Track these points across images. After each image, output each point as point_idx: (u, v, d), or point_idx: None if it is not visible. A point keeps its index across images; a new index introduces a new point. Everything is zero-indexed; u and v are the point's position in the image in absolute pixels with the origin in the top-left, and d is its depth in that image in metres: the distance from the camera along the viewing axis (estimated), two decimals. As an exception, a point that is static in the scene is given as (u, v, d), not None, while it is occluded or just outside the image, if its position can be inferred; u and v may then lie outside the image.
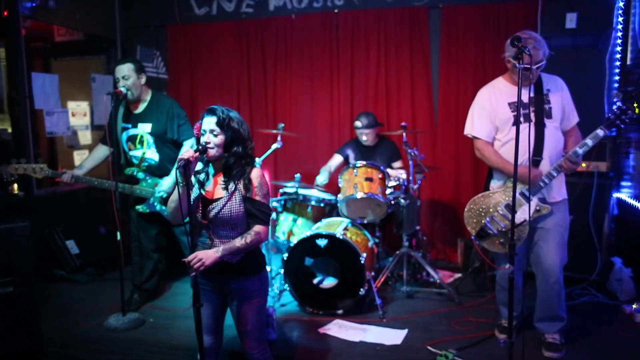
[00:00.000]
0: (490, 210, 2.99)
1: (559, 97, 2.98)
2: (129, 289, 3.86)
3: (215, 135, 2.19)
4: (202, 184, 2.27)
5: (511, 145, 2.86)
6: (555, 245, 2.93)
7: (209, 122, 2.21)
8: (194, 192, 2.24)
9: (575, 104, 3.10)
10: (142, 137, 3.62)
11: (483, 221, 3.00)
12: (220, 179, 2.26)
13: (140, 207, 3.65)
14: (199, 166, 2.32)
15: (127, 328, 3.43)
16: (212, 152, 2.20)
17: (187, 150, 2.16)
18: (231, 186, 2.22)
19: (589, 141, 2.79)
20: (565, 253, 2.98)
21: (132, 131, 3.64)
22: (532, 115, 2.92)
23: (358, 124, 4.44)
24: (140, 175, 3.62)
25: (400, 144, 4.40)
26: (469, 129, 3.14)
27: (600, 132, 2.77)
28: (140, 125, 3.61)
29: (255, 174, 2.24)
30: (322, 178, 4.43)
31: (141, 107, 3.65)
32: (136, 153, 3.66)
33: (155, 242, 3.87)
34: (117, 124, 3.68)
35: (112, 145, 3.52)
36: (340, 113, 5.08)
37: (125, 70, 3.51)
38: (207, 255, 2.12)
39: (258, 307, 2.33)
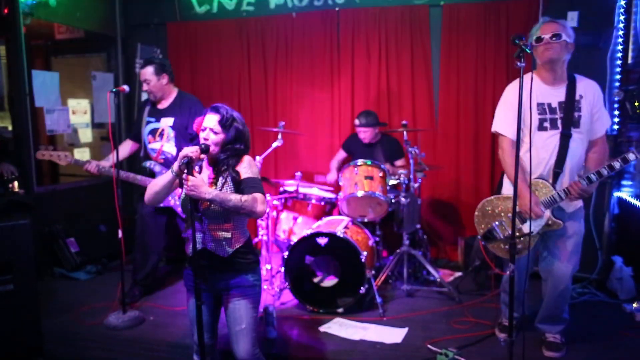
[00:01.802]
0: (501, 214, 2.94)
1: (589, 104, 2.78)
2: (129, 284, 3.88)
3: (216, 134, 2.24)
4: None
5: (532, 152, 2.73)
6: (570, 253, 2.88)
7: (211, 120, 2.25)
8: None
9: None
10: (163, 130, 3.74)
11: (492, 224, 2.96)
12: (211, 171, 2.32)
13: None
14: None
15: (127, 326, 3.43)
16: (210, 150, 2.24)
17: (193, 148, 2.17)
18: (221, 179, 2.26)
19: (616, 164, 2.61)
20: (578, 260, 2.92)
21: (154, 125, 3.78)
22: (560, 122, 2.77)
23: (356, 121, 4.46)
24: (157, 168, 3.67)
25: (402, 143, 4.40)
26: (496, 126, 2.96)
27: (631, 156, 2.58)
28: (163, 119, 3.75)
29: (246, 158, 2.31)
30: (332, 176, 4.54)
31: (165, 104, 3.81)
32: (154, 146, 3.77)
33: (162, 239, 3.90)
34: (140, 119, 3.89)
35: (114, 141, 3.52)
36: (340, 111, 5.07)
37: (145, 74, 3.69)
38: (203, 187, 2.11)
39: (253, 304, 2.32)
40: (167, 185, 2.24)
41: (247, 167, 2.27)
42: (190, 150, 2.14)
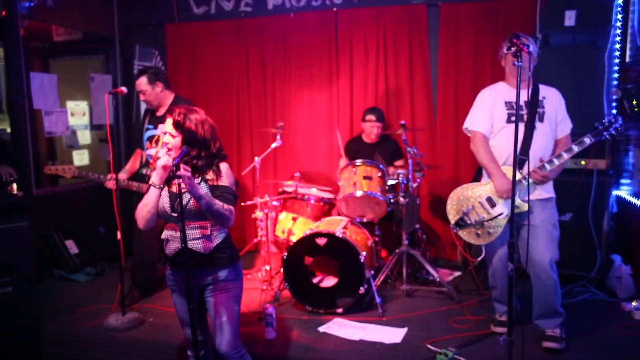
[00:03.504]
0: (471, 200, 3.12)
1: (554, 106, 3.09)
2: (128, 286, 3.90)
3: (172, 137, 2.26)
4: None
5: (497, 143, 3.12)
6: (544, 242, 2.97)
7: (167, 123, 2.27)
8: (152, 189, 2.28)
9: (574, 101, 3.13)
10: (159, 137, 3.78)
11: (463, 210, 3.12)
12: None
13: None
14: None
15: (126, 328, 3.44)
16: (172, 154, 2.25)
17: (166, 158, 2.19)
18: (197, 178, 2.28)
19: (575, 147, 2.87)
20: (555, 249, 3.01)
21: (152, 132, 3.83)
22: (525, 117, 3.02)
23: (372, 117, 4.46)
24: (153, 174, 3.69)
25: (400, 143, 4.40)
26: (468, 124, 3.25)
27: (586, 139, 2.86)
28: (160, 126, 3.79)
29: (224, 165, 2.33)
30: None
31: (162, 111, 3.85)
32: (151, 152, 3.81)
33: (159, 241, 3.91)
34: (142, 127, 3.95)
35: (112, 143, 3.54)
36: (339, 111, 5.07)
37: (139, 85, 3.74)
38: (191, 181, 2.10)
39: (235, 298, 2.35)
40: (157, 201, 2.26)
41: (225, 176, 2.30)
42: (166, 159, 2.17)
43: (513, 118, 3.01)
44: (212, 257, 2.30)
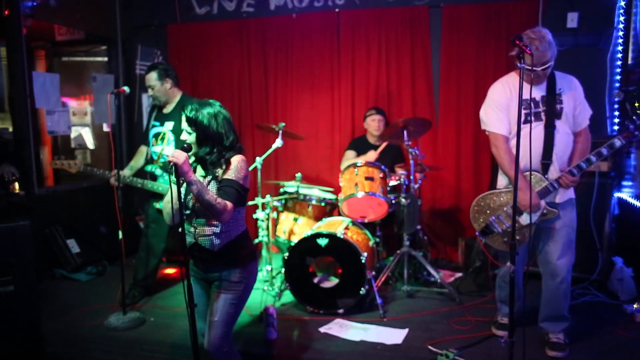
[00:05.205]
0: (497, 209, 3.00)
1: (572, 98, 2.91)
2: (130, 285, 3.90)
3: (189, 134, 2.27)
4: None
5: (515, 144, 2.86)
6: (563, 245, 2.92)
7: (183, 120, 2.29)
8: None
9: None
10: (164, 134, 3.80)
11: (489, 219, 3.01)
12: (198, 169, 2.35)
13: (158, 204, 3.76)
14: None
15: (127, 327, 3.44)
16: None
17: (178, 152, 2.13)
18: (208, 176, 2.28)
19: (604, 150, 2.73)
20: (573, 253, 2.97)
21: (158, 128, 3.85)
22: (543, 115, 2.87)
23: (372, 111, 4.56)
24: (159, 172, 3.70)
25: (402, 145, 4.40)
26: (487, 125, 3.03)
27: (617, 142, 2.71)
28: (166, 123, 3.82)
29: (235, 158, 2.26)
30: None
31: (169, 108, 3.86)
32: (156, 149, 3.83)
33: (165, 241, 3.94)
34: (148, 123, 3.97)
35: (114, 142, 3.55)
36: (341, 112, 5.07)
37: (149, 80, 3.75)
38: (185, 164, 2.10)
39: (234, 300, 2.30)
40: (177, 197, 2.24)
41: (234, 170, 2.24)
42: (176, 156, 2.11)
43: (529, 117, 2.87)
44: (220, 255, 2.29)
